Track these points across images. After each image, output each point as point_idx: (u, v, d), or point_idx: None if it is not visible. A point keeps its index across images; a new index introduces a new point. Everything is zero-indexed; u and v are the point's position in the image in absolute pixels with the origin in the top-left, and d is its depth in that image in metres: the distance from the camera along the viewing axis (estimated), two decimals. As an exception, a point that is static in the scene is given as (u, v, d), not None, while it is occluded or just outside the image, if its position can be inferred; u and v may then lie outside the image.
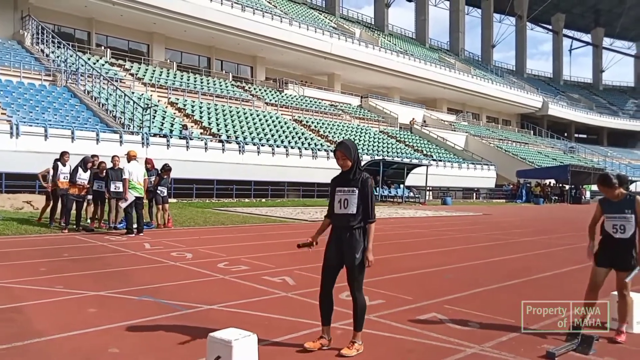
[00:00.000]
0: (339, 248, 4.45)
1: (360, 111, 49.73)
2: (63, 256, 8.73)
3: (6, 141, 19.35)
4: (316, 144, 33.35)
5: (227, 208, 20.68)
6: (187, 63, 42.71)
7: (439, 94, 61.55)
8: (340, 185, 4.54)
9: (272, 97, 41.73)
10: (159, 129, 25.78)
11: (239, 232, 13.24)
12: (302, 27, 45.16)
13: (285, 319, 5.26)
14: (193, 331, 4.75)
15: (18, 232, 11.28)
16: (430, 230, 15.48)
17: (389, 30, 69.97)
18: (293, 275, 7.47)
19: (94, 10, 35.08)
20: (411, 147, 43.61)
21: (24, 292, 6.14)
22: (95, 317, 5.19)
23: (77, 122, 22.75)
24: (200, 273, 7.60)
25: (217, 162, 25.71)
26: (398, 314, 5.59)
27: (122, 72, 33.46)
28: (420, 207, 28.84)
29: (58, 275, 7.11)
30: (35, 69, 27.74)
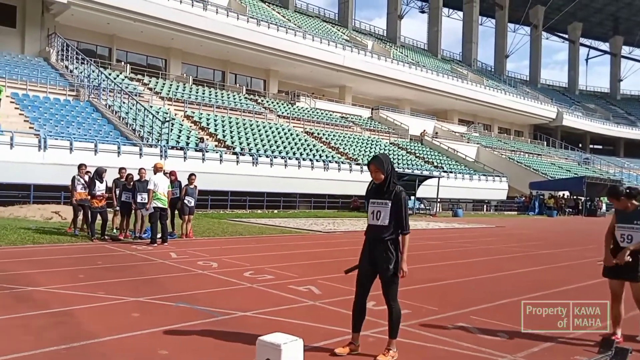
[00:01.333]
0: (372, 259, 4.65)
1: (370, 123, 50.01)
2: (97, 264, 9.22)
3: (34, 154, 20.08)
4: (327, 156, 33.82)
5: (241, 219, 21.13)
6: (202, 77, 43.48)
7: (450, 105, 61.53)
8: (374, 197, 4.71)
9: (284, 110, 42.28)
10: (176, 142, 26.41)
11: (257, 242, 13.70)
12: (315, 40, 45.71)
13: (317, 326, 5.59)
14: (232, 336, 5.16)
15: (52, 241, 11.82)
16: (444, 242, 15.80)
17: (401, 42, 70.24)
18: (317, 284, 7.88)
19: (115, 27, 36.03)
20: (422, 159, 43.81)
21: (70, 297, 6.61)
22: (140, 321, 5.63)
23: (100, 136, 23.45)
24: (228, 281, 8.04)
25: (231, 174, 26.24)
26: (426, 324, 5.85)
27: (140, 86, 34.23)
28: (432, 218, 29.14)
29: (97, 282, 7.57)
30: (60, 85, 28.57)
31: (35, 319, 5.63)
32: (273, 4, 56.63)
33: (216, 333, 5.28)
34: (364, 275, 4.74)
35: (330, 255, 11.70)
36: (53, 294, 6.75)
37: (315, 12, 64.48)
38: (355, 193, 30.66)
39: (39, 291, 6.88)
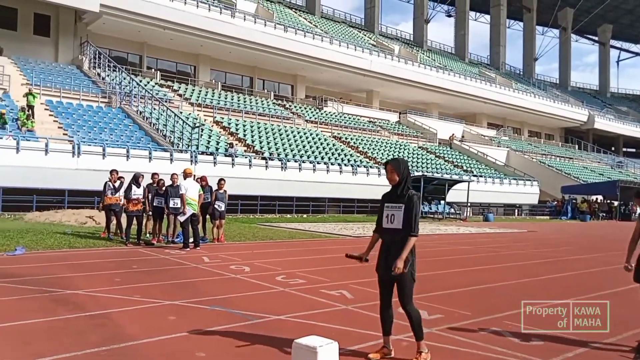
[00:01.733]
0: (387, 262, 4.66)
1: (398, 127, 49.93)
2: (132, 268, 9.39)
3: (68, 160, 20.56)
4: (355, 160, 33.83)
5: (271, 223, 21.29)
6: (230, 83, 43.97)
7: (478, 109, 61.17)
8: (389, 201, 4.78)
9: (312, 115, 42.47)
10: (206, 147, 26.72)
11: (288, 246, 13.80)
12: (341, 45, 45.87)
13: (350, 330, 5.63)
14: (267, 339, 5.22)
15: (87, 245, 12.09)
16: (475, 247, 15.68)
17: (428, 46, 70.07)
18: (349, 289, 7.90)
19: (146, 35, 36.75)
20: (451, 163, 43.50)
21: (108, 300, 6.75)
22: (176, 324, 5.71)
23: (131, 142, 23.88)
24: (261, 285, 8.12)
25: (260, 179, 26.43)
26: (459, 328, 5.85)
27: (170, 92, 34.77)
28: (462, 223, 28.89)
29: (133, 286, 7.72)
30: (92, 92, 29.24)
31: (75, 321, 5.76)
32: (300, 10, 57.04)
33: (251, 336, 5.35)
34: (383, 279, 4.80)
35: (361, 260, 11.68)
36: (91, 297, 6.90)
37: (341, 18, 64.64)
38: (384, 197, 30.54)
39: (78, 294, 7.04)
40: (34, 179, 19.56)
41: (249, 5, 45.49)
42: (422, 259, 11.75)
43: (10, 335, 5.20)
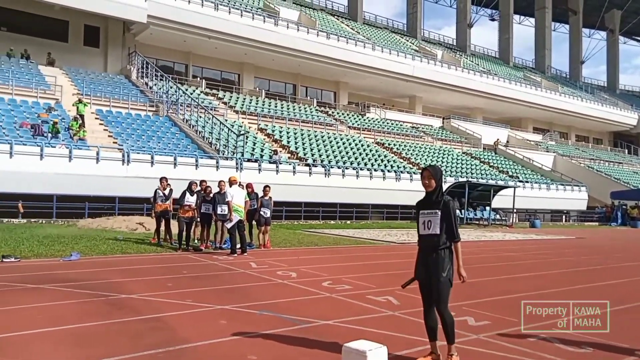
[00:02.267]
0: (427, 267, 4.76)
1: (442, 132, 49.55)
2: (183, 273, 9.64)
3: (118, 168, 21.20)
4: (399, 166, 33.72)
5: (315, 229, 21.40)
6: (274, 90, 44.51)
7: (524, 113, 60.19)
8: (424, 207, 4.85)
9: (354, 121, 42.52)
10: (251, 154, 27.10)
11: (333, 252, 13.88)
12: (384, 51, 45.90)
13: (398, 335, 5.67)
14: (316, 343, 5.32)
15: (138, 251, 12.46)
16: (522, 254, 15.42)
17: (472, 51, 69.35)
18: (395, 295, 7.92)
19: (191, 44, 37.67)
20: (496, 169, 42.89)
21: (161, 304, 6.96)
22: (227, 328, 5.86)
23: (178, 149, 24.43)
24: (308, 291, 8.23)
25: (304, 185, 26.61)
26: (507, 335, 5.80)
27: (215, 100, 35.42)
28: (508, 230, 28.44)
29: (184, 291, 7.92)
30: (140, 101, 30.08)
31: (131, 324, 5.96)
32: (342, 17, 57.33)
33: (300, 340, 5.45)
34: (424, 285, 4.86)
35: (406, 266, 11.55)
36: (145, 302, 7.13)
37: (383, 24, 64.69)
38: (428, 204, 30.38)
39: (132, 298, 7.27)
40: (86, 187, 20.25)
41: (292, 13, 46.03)
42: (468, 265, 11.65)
43: (70, 337, 5.42)
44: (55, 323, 5.88)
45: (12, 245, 12.03)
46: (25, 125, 22.08)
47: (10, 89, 25.46)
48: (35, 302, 6.90)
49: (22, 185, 18.90)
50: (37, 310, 6.48)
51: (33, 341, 5.24)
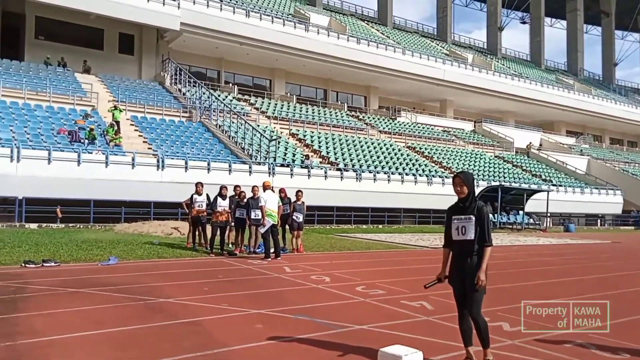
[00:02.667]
0: (461, 273, 4.78)
1: (473, 136, 49.16)
2: (218, 277, 9.77)
3: (153, 173, 21.59)
4: (430, 170, 33.55)
5: (347, 234, 21.45)
6: (305, 95, 44.78)
7: (556, 117, 59.29)
8: (457, 213, 4.86)
9: (385, 125, 42.51)
10: (283, 159, 27.30)
11: (366, 257, 13.88)
12: (414, 55, 45.75)
13: (432, 341, 5.68)
14: (352, 348, 5.35)
15: (174, 255, 12.67)
16: (558, 259, 15.23)
17: (502, 54, 68.60)
18: (429, 300, 7.90)
19: (223, 51, 38.13)
20: (529, 172, 42.42)
21: (198, 308, 7.08)
22: (264, 332, 5.93)
23: (211, 155, 24.75)
24: (342, 295, 8.26)
25: (336, 190, 26.68)
26: (543, 340, 5.77)
27: (247, 106, 35.75)
28: (542, 234, 28.06)
29: (220, 295, 8.04)
30: (174, 107, 30.58)
31: (169, 328, 6.10)
32: (372, 22, 57.31)
33: (336, 345, 5.49)
34: (458, 291, 4.87)
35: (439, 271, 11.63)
36: (183, 305, 7.25)
37: (413, 28, 64.43)
38: (460, 208, 30.17)
39: (170, 302, 7.41)
40: (122, 192, 20.67)
41: (322, 18, 46.23)
42: (503, 270, 11.67)
43: (111, 341, 5.57)
44: (95, 327, 6.03)
45: (52, 250, 12.35)
46: (63, 131, 22.64)
47: (48, 96, 26.13)
48: (76, 306, 7.07)
49: (60, 190, 19.36)
50: (77, 314, 6.65)
51: (74, 345, 5.39)
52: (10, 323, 6.09)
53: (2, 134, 20.87)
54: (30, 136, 21.46)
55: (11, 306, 6.93)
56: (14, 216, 18.96)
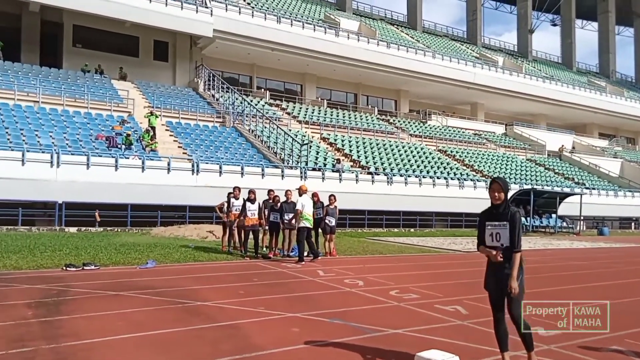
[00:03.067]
0: (497, 279, 4.79)
1: (505, 139, 48.71)
2: (253, 281, 9.95)
3: (188, 178, 21.99)
4: (462, 174, 33.36)
5: (379, 238, 21.47)
6: (335, 100, 44.91)
7: (588, 119, 58.43)
8: (491, 219, 4.87)
9: (416, 129, 42.40)
10: (314, 163, 27.49)
11: (398, 261, 13.95)
12: (444, 59, 45.53)
13: (468, 345, 5.72)
14: (388, 352, 5.46)
15: (210, 258, 12.89)
16: (592, 263, 15.07)
17: (533, 56, 67.66)
18: (463, 304, 7.96)
19: (255, 57, 38.61)
20: (561, 175, 41.90)
21: (235, 311, 7.25)
22: (300, 336, 6.06)
23: (245, 159, 25.08)
24: (376, 299, 8.36)
25: (367, 193, 26.70)
26: (580, 346, 5.79)
27: (279, 111, 36.09)
28: (575, 237, 27.64)
29: (256, 298, 8.19)
30: (207, 112, 31.04)
31: (208, 331, 6.24)
32: (401, 26, 57.16)
33: (372, 349, 5.58)
34: (495, 297, 4.89)
35: (472, 275, 11.56)
36: (220, 309, 7.43)
37: (443, 32, 64.01)
38: (493, 211, 29.91)
39: (207, 306, 7.58)
40: (158, 196, 21.06)
41: (352, 23, 46.34)
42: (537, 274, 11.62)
43: (151, 343, 5.74)
44: (136, 329, 6.20)
45: (92, 253, 12.69)
46: (100, 137, 23.24)
47: (85, 102, 26.80)
48: (116, 309, 7.26)
49: (99, 195, 19.84)
50: (118, 317, 6.83)
51: (116, 347, 5.56)
52: (54, 326, 6.30)
53: (43, 139, 21.52)
54: (69, 142, 22.05)
55: (54, 309, 7.16)
56: (54, 220, 19.50)
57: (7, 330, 6.05)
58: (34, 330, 6.09)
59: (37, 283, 8.96)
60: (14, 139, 20.91)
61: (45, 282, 9.03)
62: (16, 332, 5.99)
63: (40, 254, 12.20)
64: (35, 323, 6.42)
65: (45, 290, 8.41)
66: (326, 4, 53.50)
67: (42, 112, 24.54)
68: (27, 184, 18.83)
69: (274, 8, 41.40)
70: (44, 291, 8.32)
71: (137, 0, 31.08)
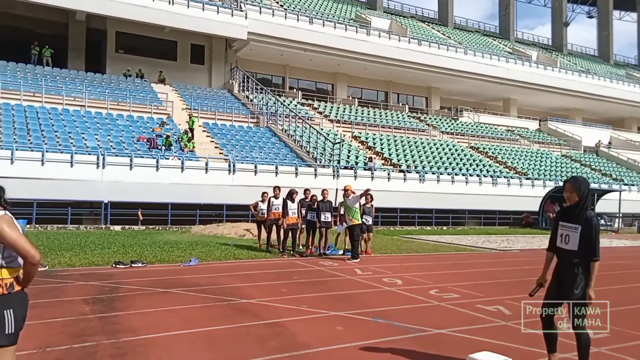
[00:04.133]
0: (560, 281, 4.66)
1: (539, 135, 48.07)
2: (293, 279, 10.17)
3: (225, 177, 22.50)
4: (495, 171, 33.14)
5: (412, 236, 21.48)
6: (366, 98, 45.04)
7: (627, 113, 57.10)
8: (564, 220, 4.70)
9: (447, 126, 42.22)
10: (346, 162, 27.69)
11: (434, 260, 14.01)
12: (476, 55, 45.11)
13: (514, 347, 5.72)
14: (434, 353, 5.55)
15: (249, 256, 13.18)
16: (634, 262, 14.93)
17: (568, 50, 66.45)
18: (505, 304, 8.01)
19: (288, 58, 39.13)
20: (598, 171, 41.09)
21: (279, 309, 7.45)
22: (345, 335, 6.20)
23: (279, 158, 25.47)
24: (416, 299, 8.48)
25: (399, 191, 26.77)
26: (628, 349, 5.78)
27: (311, 110, 36.42)
28: (614, 235, 27.24)
29: (299, 296, 8.41)
30: (242, 113, 31.58)
31: (254, 328, 6.45)
32: (432, 23, 56.92)
33: (418, 350, 5.67)
34: (551, 297, 4.78)
35: (511, 274, 11.71)
36: (265, 306, 7.64)
37: (475, 27, 63.41)
38: (527, 209, 29.69)
39: (252, 303, 7.81)
40: (197, 195, 21.57)
41: (383, 22, 46.36)
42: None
43: (203, 339, 5.98)
44: (188, 326, 6.48)
45: (138, 251, 13.12)
46: (142, 139, 23.90)
47: (128, 106, 27.61)
48: (167, 305, 7.57)
49: (141, 194, 20.48)
50: (170, 314, 7.13)
51: (171, 343, 5.80)
52: (111, 321, 6.64)
53: (89, 142, 22.33)
54: (113, 144, 22.80)
55: (109, 305, 7.53)
56: (100, 219, 20.23)
57: (69, 325, 6.38)
58: (93, 326, 6.41)
59: (90, 280, 9.38)
60: (63, 142, 21.81)
61: (97, 279, 9.44)
62: (77, 327, 6.32)
63: (91, 252, 12.68)
64: (93, 319, 6.76)
65: (99, 287, 8.80)
66: (357, 4, 53.62)
67: (88, 116, 25.43)
68: (75, 184, 19.61)
69: (306, 9, 41.77)
70: (97, 288, 8.71)
71: (176, 7, 31.84)
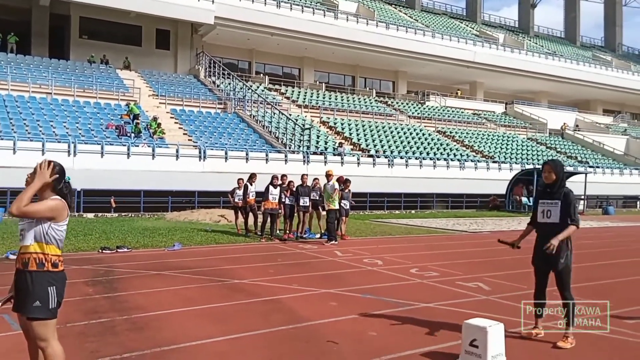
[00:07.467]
0: (544, 255, 5.10)
1: (505, 118, 48.67)
2: (278, 261, 10.44)
3: (195, 164, 22.41)
4: (462, 155, 33.75)
5: (382, 220, 21.83)
6: (333, 83, 45.12)
7: (592, 95, 57.67)
8: (544, 197, 5.31)
9: (414, 110, 42.52)
10: (315, 147, 27.78)
11: (408, 242, 14.40)
12: (443, 38, 45.36)
13: (497, 317, 5.89)
14: (425, 322, 5.93)
15: (229, 241, 13.37)
16: (600, 242, 15.50)
17: (535, 32, 66.36)
18: (484, 281, 8.46)
19: (254, 42, 38.87)
20: (563, 154, 41.74)
21: (272, 288, 7.72)
22: (339, 309, 6.56)
23: (248, 144, 25.41)
24: (399, 277, 8.87)
25: (368, 176, 26.92)
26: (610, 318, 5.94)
27: (278, 95, 36.34)
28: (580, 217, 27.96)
29: (287, 276, 8.68)
30: (209, 99, 31.31)
31: (255, 305, 6.76)
32: (400, 6, 56.91)
33: (410, 319, 6.09)
34: (539, 271, 5.38)
35: (484, 254, 12.15)
36: (258, 286, 7.94)
37: (442, 10, 63.30)
38: (494, 192, 30.30)
39: (245, 283, 8.10)
40: (168, 182, 21.45)
41: (350, 5, 46.33)
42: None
43: (207, 315, 6.28)
44: (190, 304, 6.76)
45: (120, 237, 13.19)
46: (111, 126, 23.60)
47: (94, 93, 27.15)
48: (164, 286, 7.86)
49: (113, 182, 20.23)
50: (170, 293, 7.42)
51: (180, 318, 6.11)
52: (118, 300, 6.92)
53: (58, 130, 21.97)
54: (82, 131, 22.44)
55: (109, 287, 7.76)
56: (74, 207, 19.95)
57: (80, 304, 6.60)
58: (102, 304, 6.68)
59: (82, 264, 9.48)
60: (32, 130, 21.45)
61: (89, 264, 9.57)
62: (87, 305, 6.59)
63: (74, 238, 12.67)
64: (100, 299, 7.02)
65: (93, 270, 8.99)
66: (325, -14, 53.35)
67: (55, 104, 25.00)
68: (47, 172, 19.23)
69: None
70: (92, 271, 8.90)
71: (142, -10, 31.31)
